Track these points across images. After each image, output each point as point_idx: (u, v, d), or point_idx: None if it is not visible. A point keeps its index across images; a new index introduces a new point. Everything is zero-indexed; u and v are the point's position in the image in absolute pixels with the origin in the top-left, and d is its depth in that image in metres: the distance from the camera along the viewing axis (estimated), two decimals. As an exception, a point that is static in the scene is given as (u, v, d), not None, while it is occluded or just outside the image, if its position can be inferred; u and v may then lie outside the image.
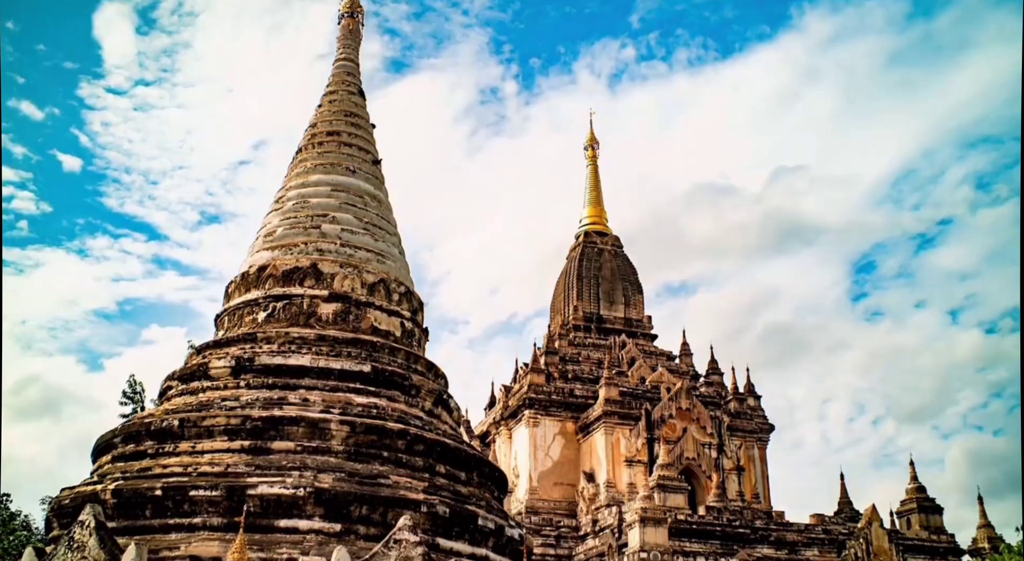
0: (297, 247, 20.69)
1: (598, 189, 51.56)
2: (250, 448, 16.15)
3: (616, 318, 46.88)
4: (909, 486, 38.97)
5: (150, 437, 16.72)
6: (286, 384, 17.68)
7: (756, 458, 41.51)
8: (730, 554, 32.25)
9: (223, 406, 16.99)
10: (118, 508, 15.23)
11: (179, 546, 14.77)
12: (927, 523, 37.23)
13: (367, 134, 24.10)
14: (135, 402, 33.78)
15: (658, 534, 30.16)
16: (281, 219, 21.59)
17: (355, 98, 24.60)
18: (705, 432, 38.78)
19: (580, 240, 49.47)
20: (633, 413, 38.93)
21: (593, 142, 52.58)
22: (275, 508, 15.04)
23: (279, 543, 14.83)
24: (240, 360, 18.04)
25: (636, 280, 48.63)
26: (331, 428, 16.55)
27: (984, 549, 35.79)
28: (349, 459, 16.37)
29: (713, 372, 44.62)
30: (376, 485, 15.86)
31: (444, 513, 16.08)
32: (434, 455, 17.41)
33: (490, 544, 16.96)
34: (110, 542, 13.62)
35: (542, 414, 40.53)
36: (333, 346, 18.65)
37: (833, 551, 33.70)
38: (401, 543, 14.09)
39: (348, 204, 21.84)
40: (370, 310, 20.07)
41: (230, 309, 20.39)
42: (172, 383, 18.88)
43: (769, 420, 42.80)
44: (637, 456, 37.90)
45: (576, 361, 43.58)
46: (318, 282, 19.94)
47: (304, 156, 23.14)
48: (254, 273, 20.33)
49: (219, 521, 14.95)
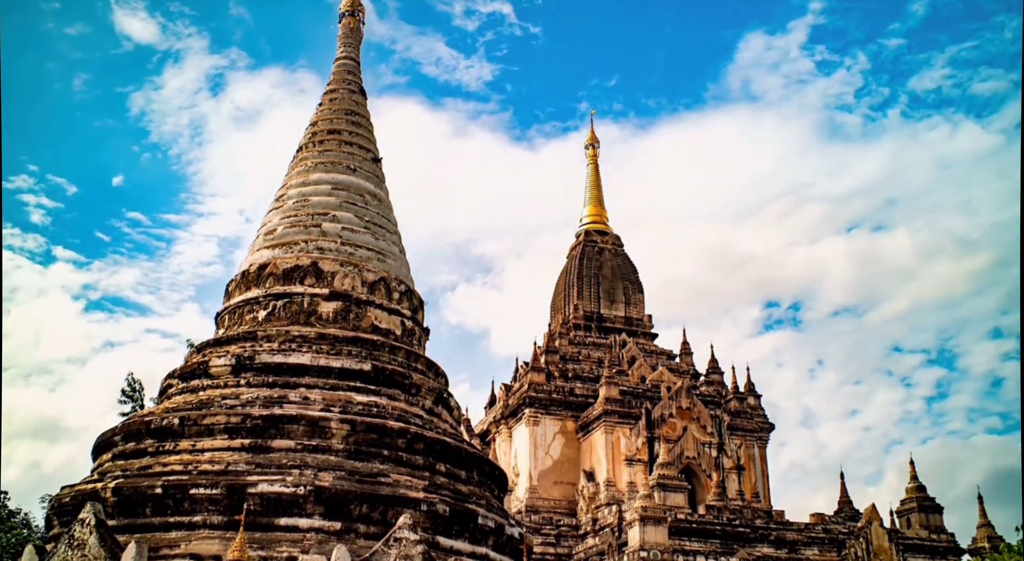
0: (298, 245, 20.68)
1: (598, 188, 51.53)
2: (250, 446, 16.16)
3: (616, 317, 46.86)
4: (909, 485, 38.93)
5: (150, 435, 16.73)
6: (286, 382, 17.67)
7: (756, 457, 41.52)
8: (730, 553, 32.24)
9: (223, 404, 16.99)
10: (118, 506, 15.24)
11: (179, 544, 14.78)
12: (927, 522, 37.19)
13: (368, 132, 24.09)
14: (134, 401, 33.71)
15: (658, 533, 30.16)
16: (282, 217, 21.58)
17: (356, 97, 24.59)
18: (705, 431, 38.78)
19: (580, 239, 49.44)
20: (633, 412, 38.93)
21: (593, 141, 52.55)
22: (275, 506, 15.04)
23: (279, 541, 14.84)
24: (240, 358, 18.03)
25: (636, 279, 48.62)
26: (331, 427, 16.54)
27: (984, 549, 35.75)
28: (349, 458, 16.37)
29: (713, 371, 44.61)
30: (376, 484, 15.86)
31: (444, 512, 16.08)
32: (434, 454, 17.41)
33: (490, 543, 16.97)
34: (110, 540, 13.63)
35: (542, 413, 40.53)
36: (333, 345, 18.64)
37: (833, 550, 33.68)
38: (401, 541, 14.10)
39: (349, 202, 21.83)
40: (370, 308, 20.06)
41: (230, 307, 20.39)
42: (172, 381, 18.88)
43: (769, 419, 42.85)
44: (637, 455, 37.89)
45: (576, 360, 43.57)
46: (318, 280, 19.94)
47: (305, 155, 23.14)
48: (254, 271, 20.33)
49: (219, 519, 14.96)
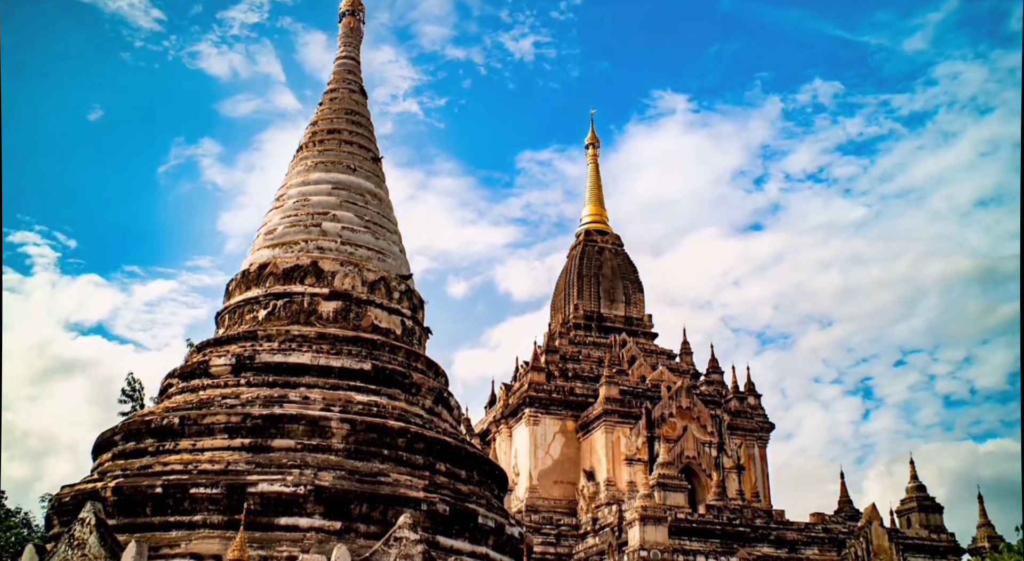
0: (298, 245, 20.68)
1: (599, 187, 51.48)
2: (250, 446, 16.16)
3: (617, 316, 46.83)
4: (909, 485, 38.90)
5: (151, 435, 16.73)
6: (286, 382, 17.67)
7: (756, 457, 41.50)
8: (730, 553, 32.23)
9: (223, 404, 16.99)
10: (119, 506, 15.24)
11: (179, 544, 14.78)
12: (927, 522, 37.17)
13: (368, 132, 24.09)
14: (134, 400, 33.72)
15: (658, 533, 30.15)
16: (282, 217, 21.58)
17: (356, 96, 24.59)
18: (705, 431, 38.76)
19: (581, 238, 49.40)
20: (633, 412, 38.91)
21: (594, 141, 52.51)
22: (275, 506, 15.05)
23: (279, 541, 14.84)
24: (240, 358, 18.03)
25: (636, 279, 48.59)
26: (331, 426, 16.54)
27: (984, 548, 35.73)
28: (349, 457, 16.37)
29: (713, 371, 44.59)
30: (376, 483, 15.86)
31: (444, 511, 16.08)
32: (434, 453, 17.41)
33: (490, 542, 16.97)
34: (110, 539, 13.64)
35: (542, 412, 40.50)
36: (333, 344, 18.64)
37: (833, 550, 33.66)
38: (401, 541, 14.11)
39: (349, 202, 21.83)
40: (371, 308, 20.06)
41: (230, 307, 20.38)
42: (172, 381, 18.88)
43: (769, 419, 42.83)
44: (637, 455, 37.87)
45: (576, 359, 43.54)
46: (319, 280, 19.93)
47: (305, 154, 23.13)
48: (255, 271, 20.32)
49: (219, 519, 14.97)
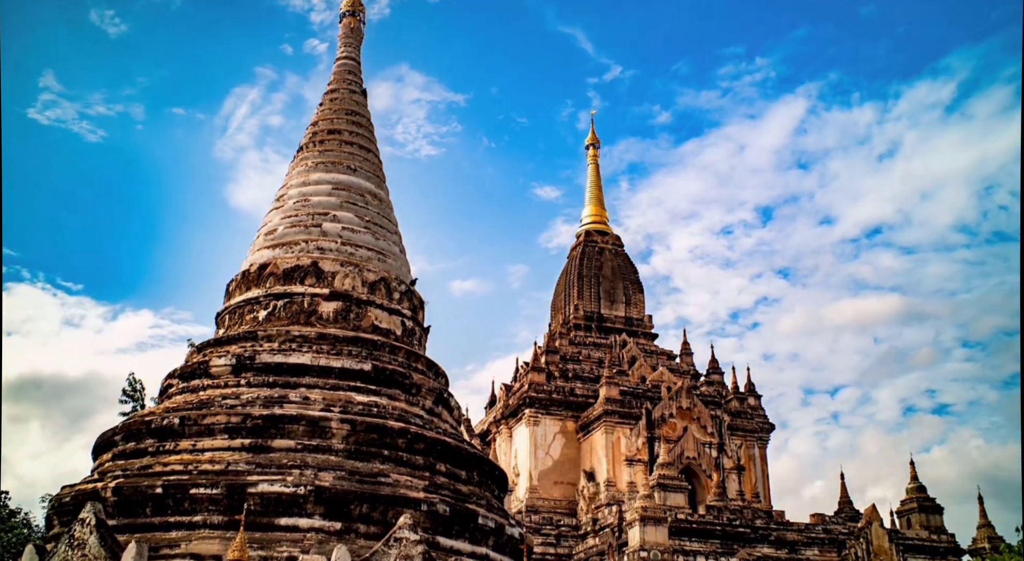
0: (298, 245, 20.68)
1: (599, 188, 51.53)
2: (251, 446, 16.16)
3: (617, 317, 46.86)
4: (909, 486, 38.92)
5: (151, 435, 16.73)
6: (287, 382, 17.67)
7: (756, 457, 41.54)
8: (730, 553, 32.24)
9: (224, 404, 16.99)
10: (119, 506, 15.24)
11: (179, 544, 14.78)
12: (927, 523, 37.19)
13: (369, 132, 24.10)
14: (135, 400, 33.74)
15: (658, 533, 30.15)
16: (282, 217, 21.59)
17: (356, 97, 24.60)
18: (705, 431, 38.78)
19: (581, 239, 49.44)
20: (633, 412, 38.93)
21: (594, 141, 52.56)
22: (275, 506, 15.04)
23: (279, 541, 14.84)
24: (241, 358, 18.03)
25: (637, 279, 48.62)
26: (332, 426, 16.54)
27: (984, 549, 35.74)
28: (350, 457, 16.38)
29: (714, 371, 44.62)
30: (376, 483, 15.86)
31: (444, 512, 16.08)
32: (435, 454, 17.41)
33: (490, 543, 16.97)
34: (111, 540, 13.65)
35: (542, 413, 40.53)
36: (334, 344, 18.64)
37: (833, 551, 33.67)
38: (401, 541, 14.11)
39: (349, 202, 21.84)
40: (371, 308, 20.07)
41: (231, 307, 20.39)
42: (173, 381, 18.89)
43: (769, 419, 42.85)
44: (637, 455, 37.89)
45: (577, 360, 43.56)
46: (319, 280, 19.94)
47: (305, 154, 23.14)
48: (255, 271, 20.33)
49: (220, 519, 14.96)
